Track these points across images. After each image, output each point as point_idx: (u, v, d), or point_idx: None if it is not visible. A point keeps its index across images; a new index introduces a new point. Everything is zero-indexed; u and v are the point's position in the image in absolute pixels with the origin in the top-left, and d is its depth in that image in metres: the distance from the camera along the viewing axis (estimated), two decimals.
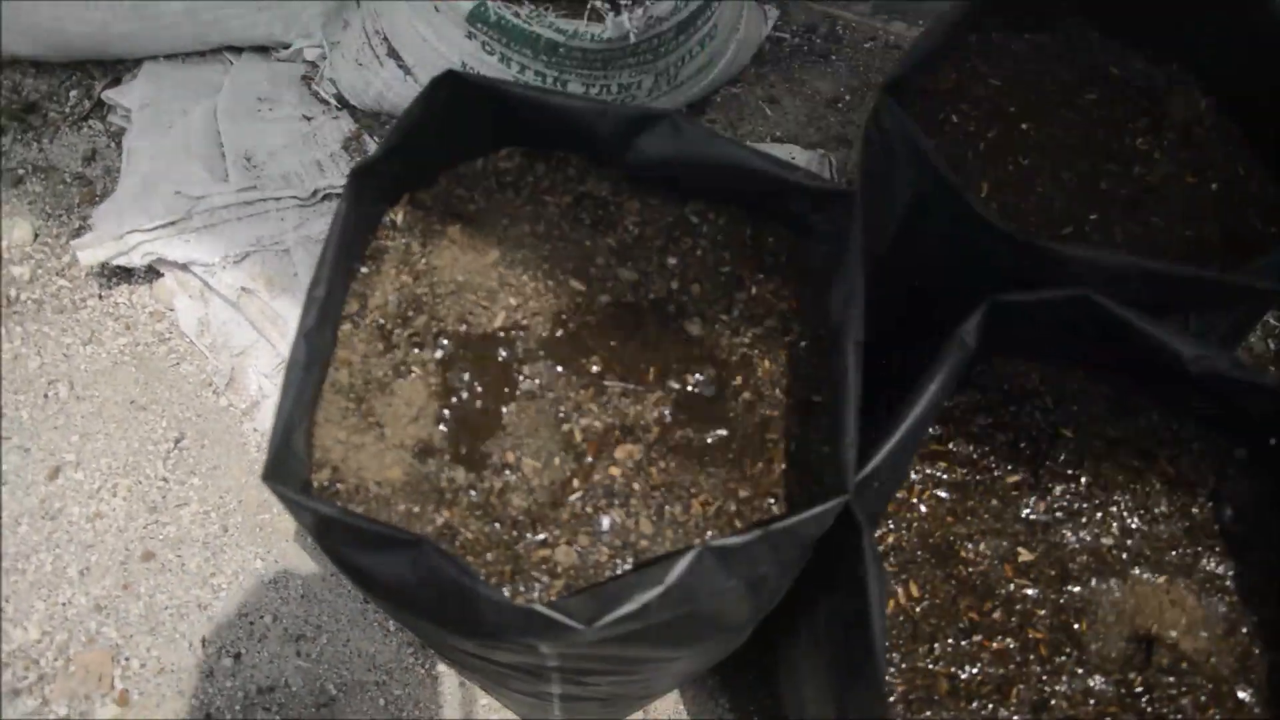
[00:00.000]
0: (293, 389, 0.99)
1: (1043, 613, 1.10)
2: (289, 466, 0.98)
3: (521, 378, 1.12)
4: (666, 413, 1.10)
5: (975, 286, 1.09)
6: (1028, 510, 1.14)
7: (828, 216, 1.12)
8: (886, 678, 1.04)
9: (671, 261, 1.20)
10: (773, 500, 1.05)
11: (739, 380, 1.13)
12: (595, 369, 1.12)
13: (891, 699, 1.04)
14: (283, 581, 1.48)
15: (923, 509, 1.13)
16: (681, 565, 0.89)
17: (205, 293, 1.62)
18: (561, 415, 1.10)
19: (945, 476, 1.15)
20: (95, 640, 1.43)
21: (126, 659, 1.42)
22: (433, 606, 0.93)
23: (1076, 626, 1.10)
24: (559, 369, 1.12)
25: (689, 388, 1.12)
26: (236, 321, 1.60)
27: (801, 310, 1.16)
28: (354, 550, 0.93)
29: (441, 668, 1.42)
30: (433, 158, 1.22)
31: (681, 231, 1.21)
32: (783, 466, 1.07)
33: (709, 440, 1.10)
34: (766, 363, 1.13)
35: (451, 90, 1.16)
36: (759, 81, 1.92)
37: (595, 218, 1.23)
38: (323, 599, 1.46)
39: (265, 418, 1.55)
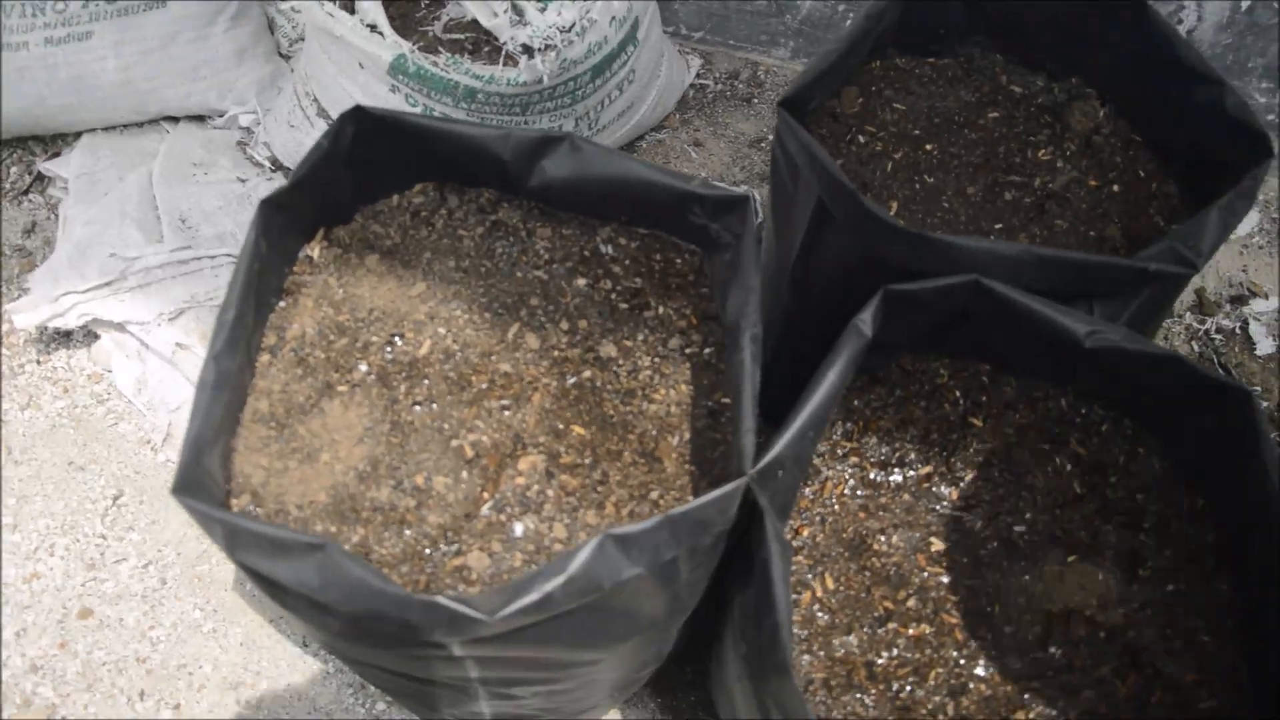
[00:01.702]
0: (201, 409, 1.01)
1: (956, 598, 1.11)
2: (201, 484, 0.99)
3: (433, 404, 1.14)
4: (579, 429, 1.12)
5: (880, 287, 1.12)
6: (941, 502, 1.16)
7: (726, 224, 1.16)
8: (806, 666, 1.05)
9: (581, 283, 1.23)
10: (679, 497, 1.07)
11: (650, 392, 1.15)
12: (503, 391, 1.14)
13: (812, 686, 1.04)
14: (221, 630, 1.47)
15: (836, 505, 1.15)
16: (583, 554, 0.90)
17: (142, 351, 1.64)
18: (470, 434, 1.11)
19: (857, 473, 1.17)
20: (31, 702, 1.41)
21: (63, 719, 1.40)
22: (341, 610, 0.93)
23: (990, 610, 1.11)
24: (470, 393, 1.14)
25: (604, 408, 1.14)
26: (173, 378, 1.62)
27: (706, 321, 1.19)
28: (262, 558, 0.93)
29: (381, 706, 1.42)
30: (346, 194, 1.26)
31: (593, 260, 1.24)
32: (691, 466, 1.09)
33: (621, 450, 1.12)
34: (674, 374, 1.16)
35: (358, 125, 1.20)
36: (684, 126, 1.98)
37: (509, 246, 1.27)
38: (262, 645, 1.46)
39: None
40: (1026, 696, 1.06)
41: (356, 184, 1.26)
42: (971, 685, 1.07)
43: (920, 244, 1.14)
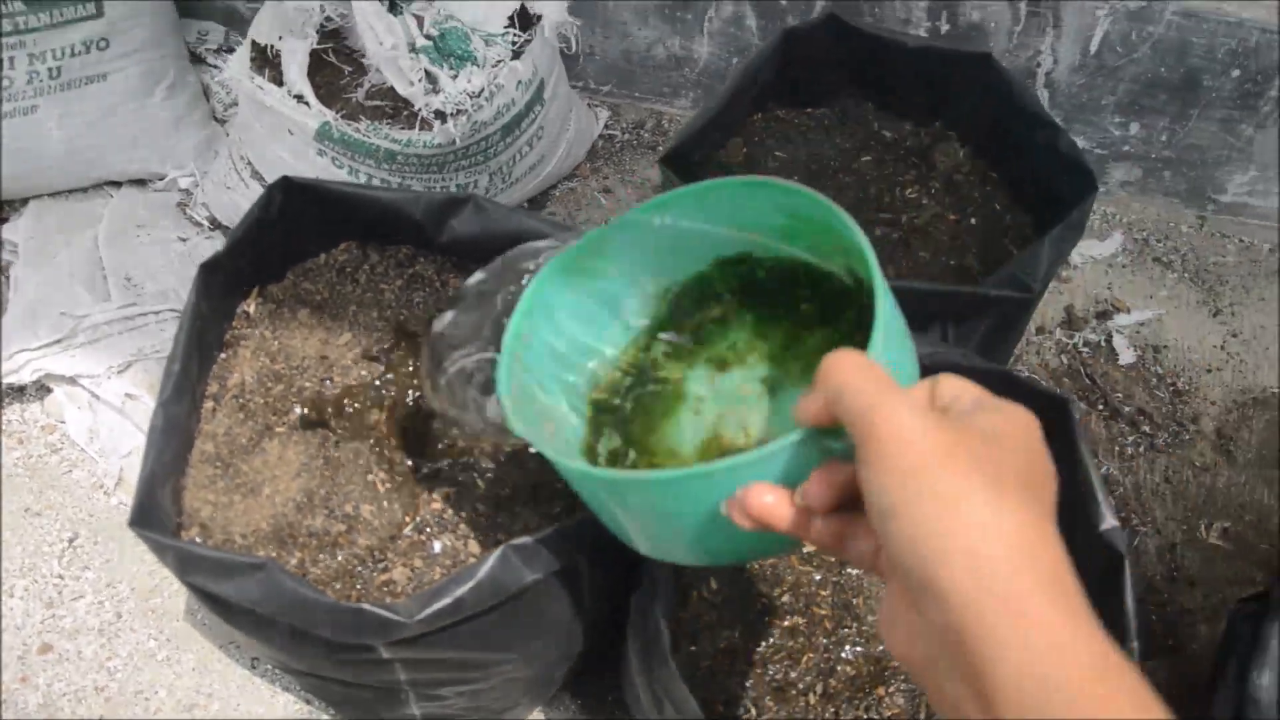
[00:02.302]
0: (153, 451, 1.15)
1: (825, 593, 1.27)
2: (155, 517, 1.12)
3: (358, 441, 1.28)
4: (486, 461, 1.27)
5: None
6: None
7: None
8: (695, 655, 1.20)
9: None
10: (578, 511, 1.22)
11: None
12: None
13: (699, 672, 1.19)
14: (175, 658, 1.59)
15: None
16: (489, 562, 1.05)
17: (93, 402, 1.76)
18: (395, 463, 1.26)
19: None
20: None
21: None
22: (281, 622, 1.07)
23: (855, 602, 1.27)
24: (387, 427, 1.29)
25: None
26: (123, 426, 1.74)
27: None
28: (211, 580, 1.07)
29: (325, 719, 1.54)
30: (277, 254, 1.40)
31: None
32: None
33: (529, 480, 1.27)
34: None
35: (285, 192, 1.35)
36: (594, 175, 2.15)
37: (425, 296, 1.41)
38: (213, 669, 1.58)
39: None
40: (887, 673, 1.21)
41: (286, 245, 1.40)
42: (839, 667, 1.23)
43: None
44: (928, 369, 1.27)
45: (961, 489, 0.57)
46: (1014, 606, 0.54)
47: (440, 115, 1.70)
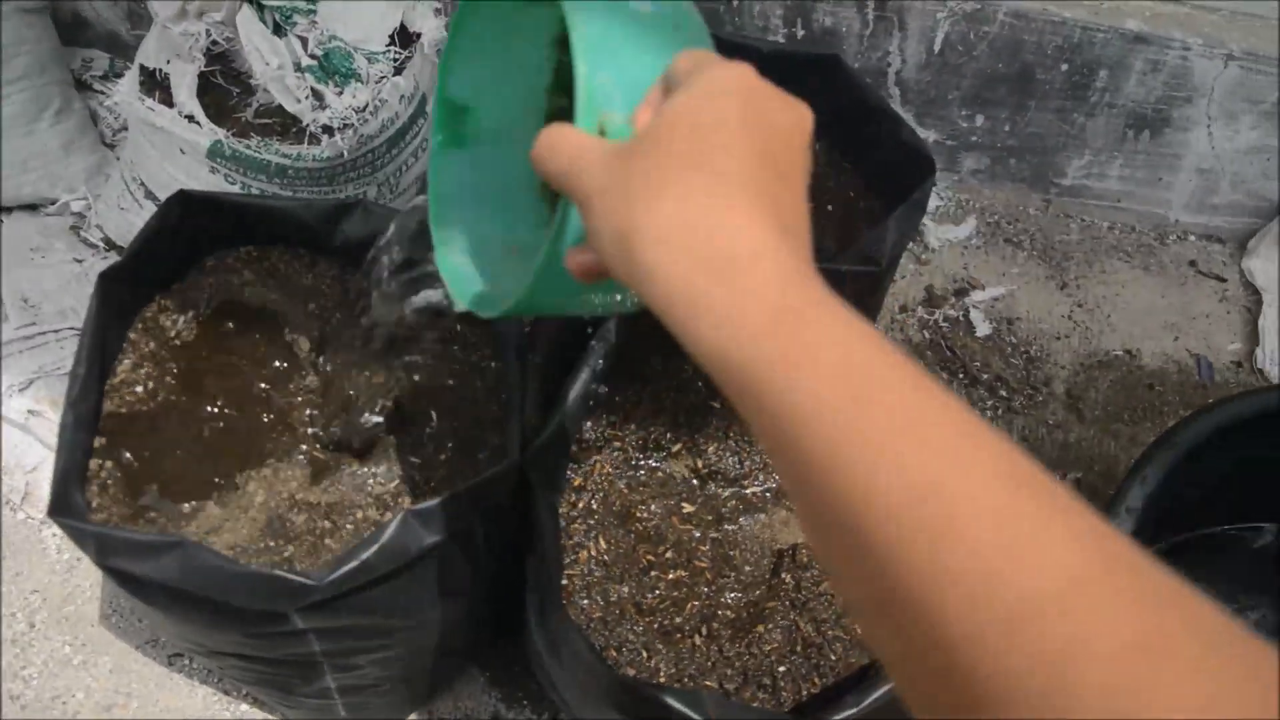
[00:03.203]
0: (65, 447, 1.22)
1: (705, 548, 1.39)
2: (71, 507, 1.19)
3: (275, 419, 1.36)
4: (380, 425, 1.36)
5: None
6: (690, 474, 1.44)
7: None
8: (586, 608, 1.31)
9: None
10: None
11: (445, 402, 1.40)
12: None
13: (592, 623, 1.29)
14: (91, 661, 1.64)
15: (605, 483, 1.41)
16: (390, 527, 1.14)
17: None
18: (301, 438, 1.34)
19: (621, 455, 1.43)
20: None
21: None
22: (199, 598, 1.14)
23: (732, 554, 1.39)
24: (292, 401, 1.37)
25: (406, 413, 1.39)
26: (27, 442, 1.79)
27: (492, 337, 1.45)
28: (131, 561, 1.13)
29: (244, 707, 1.61)
30: (178, 262, 1.47)
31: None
32: (482, 453, 1.34)
33: (429, 447, 1.36)
34: (470, 379, 1.41)
35: (183, 206, 1.42)
36: None
37: (326, 294, 1.50)
38: (131, 669, 1.63)
39: None
40: (765, 612, 1.34)
41: (186, 256, 1.47)
42: (720, 611, 1.34)
43: None
44: None
45: (648, 205, 0.56)
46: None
47: (328, 130, 1.78)
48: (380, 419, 1.36)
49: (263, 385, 1.40)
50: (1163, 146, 2.24)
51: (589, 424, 1.43)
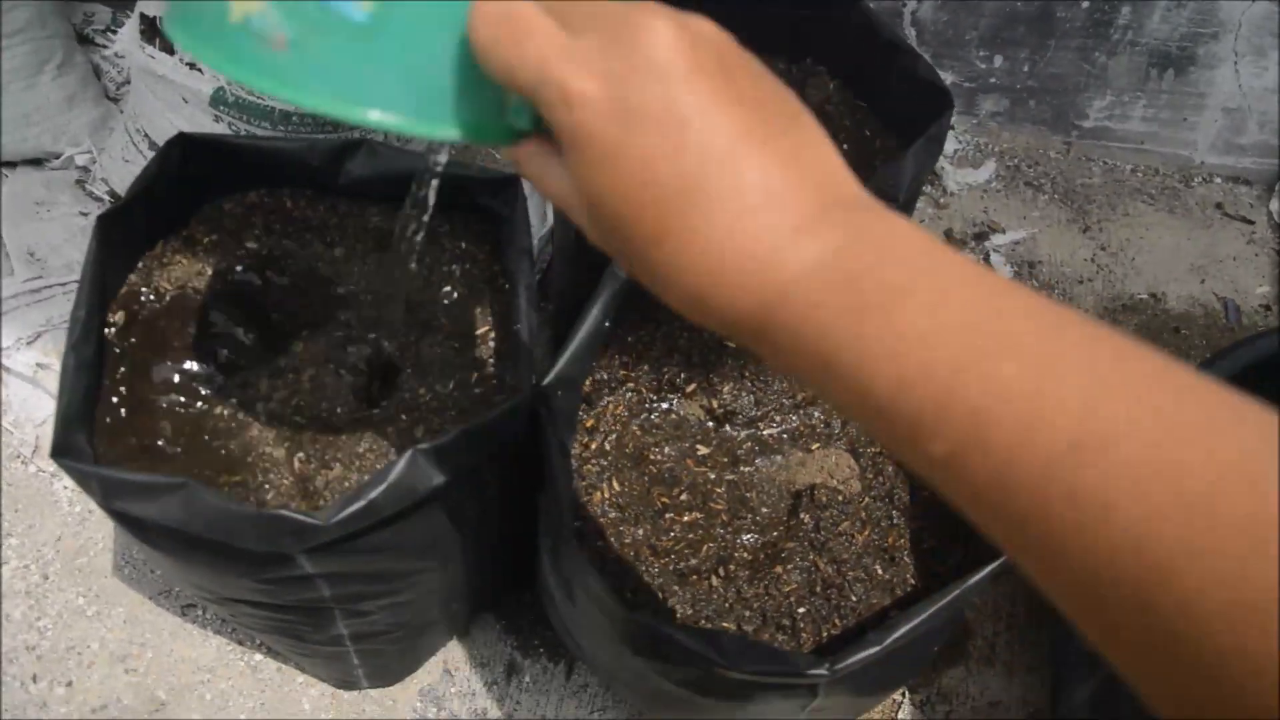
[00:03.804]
0: (67, 390, 1.19)
1: (720, 490, 1.36)
2: (74, 448, 1.16)
3: (285, 355, 1.34)
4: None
5: None
6: (705, 416, 1.41)
7: (503, 199, 1.39)
8: (600, 550, 1.28)
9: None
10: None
11: (461, 329, 1.37)
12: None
13: (607, 565, 1.27)
14: (105, 612, 1.63)
15: (618, 425, 1.38)
16: (399, 466, 1.12)
17: (3, 375, 1.78)
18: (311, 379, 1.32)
19: (634, 397, 1.40)
20: None
21: None
22: (205, 540, 1.12)
23: (749, 496, 1.36)
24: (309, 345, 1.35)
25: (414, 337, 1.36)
26: (36, 395, 1.77)
27: (496, 264, 1.42)
28: (135, 503, 1.11)
29: (258, 657, 1.60)
30: (179, 209, 1.44)
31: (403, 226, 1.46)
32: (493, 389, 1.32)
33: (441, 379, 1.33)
34: (478, 310, 1.38)
35: (183, 148, 1.39)
36: None
37: (340, 220, 1.46)
38: (144, 620, 1.62)
39: None
40: (783, 554, 1.31)
41: (187, 199, 1.44)
42: (737, 553, 1.32)
43: None
44: None
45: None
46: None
47: None
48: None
49: (281, 317, 1.37)
50: (1187, 85, 2.18)
51: (600, 364, 1.40)
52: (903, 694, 1.63)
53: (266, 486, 1.25)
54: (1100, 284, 2.14)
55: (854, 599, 1.26)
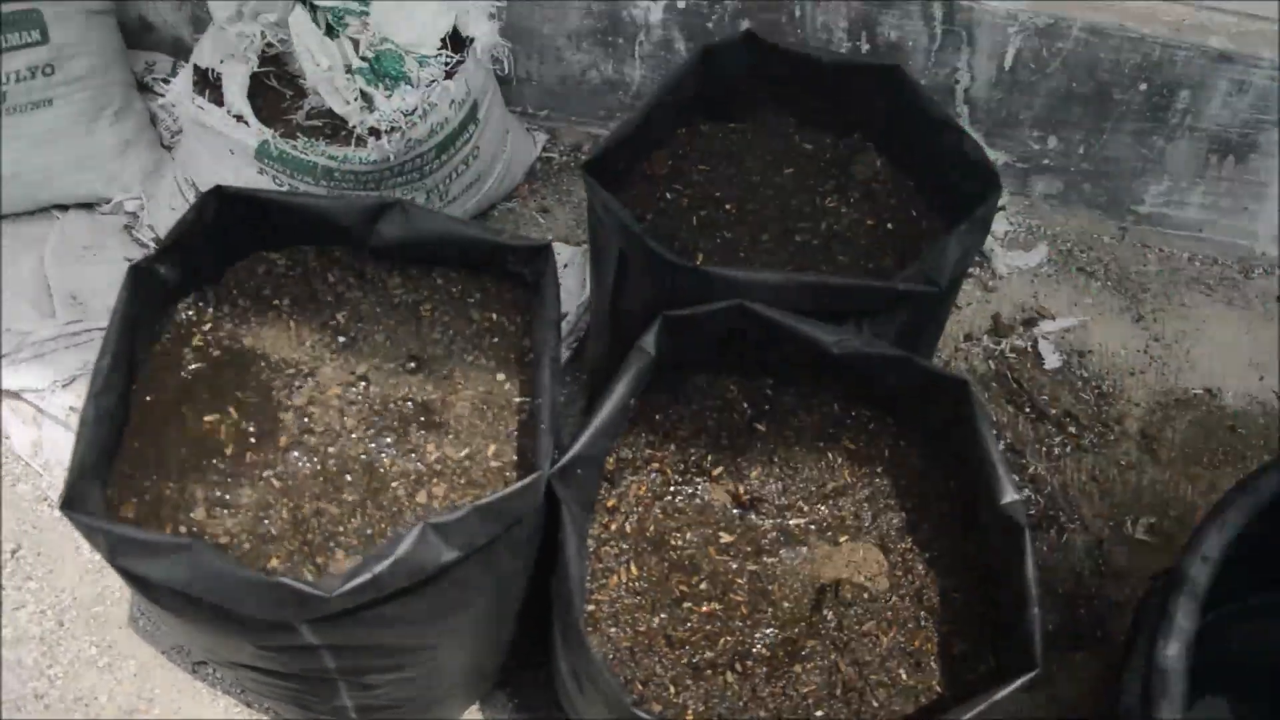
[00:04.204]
0: (84, 440, 1.18)
1: (742, 581, 1.32)
2: (85, 501, 1.15)
3: (304, 418, 1.32)
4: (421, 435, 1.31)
5: None
6: (730, 504, 1.37)
7: (533, 268, 1.37)
8: (614, 636, 1.24)
9: (425, 310, 1.42)
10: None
11: (469, 402, 1.35)
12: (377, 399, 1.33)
13: (619, 652, 1.22)
14: (116, 664, 1.61)
15: (640, 507, 1.34)
16: (407, 540, 1.09)
17: (38, 416, 1.79)
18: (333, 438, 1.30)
19: (659, 478, 1.36)
20: None
21: None
22: (208, 603, 1.10)
23: (770, 588, 1.31)
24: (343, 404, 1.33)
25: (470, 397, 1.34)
26: (68, 439, 1.77)
27: (526, 336, 1.40)
28: (140, 561, 1.09)
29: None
30: (213, 259, 1.44)
31: (431, 290, 1.44)
32: (510, 463, 1.29)
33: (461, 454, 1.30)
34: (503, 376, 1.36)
35: (219, 201, 1.39)
36: (532, 195, 2.21)
37: (356, 291, 1.45)
38: (154, 674, 1.60)
39: None
40: (804, 651, 1.26)
41: (221, 250, 1.44)
42: (755, 648, 1.27)
43: (698, 277, 1.36)
44: (837, 357, 1.33)
45: None
46: None
47: (375, 132, 1.75)
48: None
49: (282, 390, 1.35)
50: (1248, 173, 2.12)
51: (625, 442, 1.37)
52: None
53: (276, 552, 1.22)
54: (1153, 376, 2.07)
55: (875, 704, 1.20)
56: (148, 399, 1.33)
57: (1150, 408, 2.03)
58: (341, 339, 1.41)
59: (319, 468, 1.29)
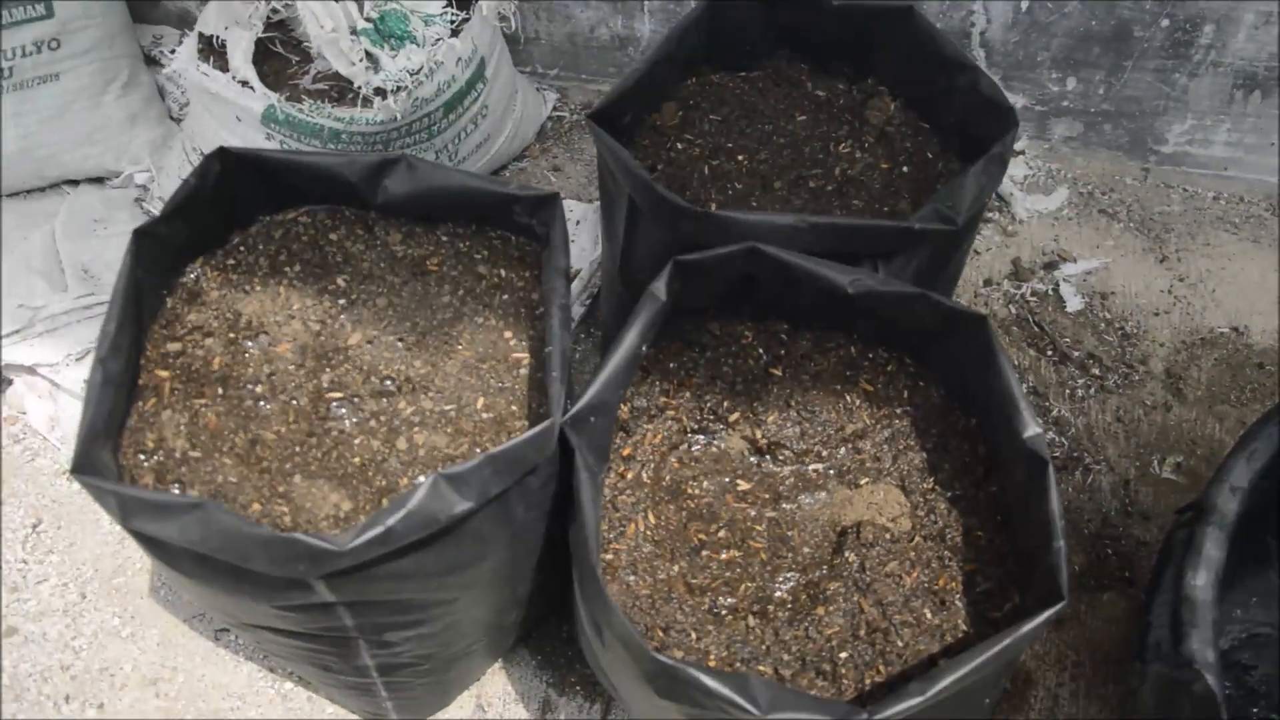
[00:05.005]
0: (92, 403, 1.17)
1: (760, 528, 1.30)
2: (95, 465, 1.14)
3: (323, 383, 1.31)
4: (432, 373, 1.29)
5: None
6: (746, 451, 1.35)
7: (542, 219, 1.35)
8: (633, 585, 1.22)
9: (433, 265, 1.41)
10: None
11: (495, 351, 1.33)
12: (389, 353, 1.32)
13: (639, 600, 1.21)
14: (139, 634, 1.61)
15: (655, 456, 1.33)
16: (420, 492, 1.07)
17: (53, 391, 1.79)
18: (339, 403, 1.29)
19: (674, 427, 1.35)
20: None
21: None
22: (220, 559, 1.09)
23: (790, 535, 1.29)
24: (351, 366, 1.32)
25: (465, 357, 1.32)
26: None
27: (535, 290, 1.38)
28: (153, 522, 1.08)
29: (289, 685, 1.56)
30: (218, 222, 1.42)
31: (438, 247, 1.42)
32: (525, 411, 1.27)
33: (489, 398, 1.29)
34: (510, 333, 1.34)
35: (223, 163, 1.38)
36: (544, 154, 2.18)
37: (367, 249, 1.44)
38: (177, 643, 1.60)
39: None
40: (826, 594, 1.24)
41: (227, 213, 1.42)
42: (776, 594, 1.25)
43: (709, 221, 1.34)
44: (853, 297, 1.30)
45: None
46: None
47: (381, 92, 1.73)
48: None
49: (300, 350, 1.34)
50: (1275, 108, 2.07)
51: (640, 390, 1.35)
52: None
53: (303, 511, 1.21)
54: (1178, 316, 2.03)
55: (900, 644, 1.19)
56: (155, 362, 1.32)
57: (1175, 348, 1.99)
58: (343, 301, 1.39)
59: (312, 428, 1.28)
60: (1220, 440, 1.86)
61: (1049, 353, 1.96)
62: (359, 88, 1.73)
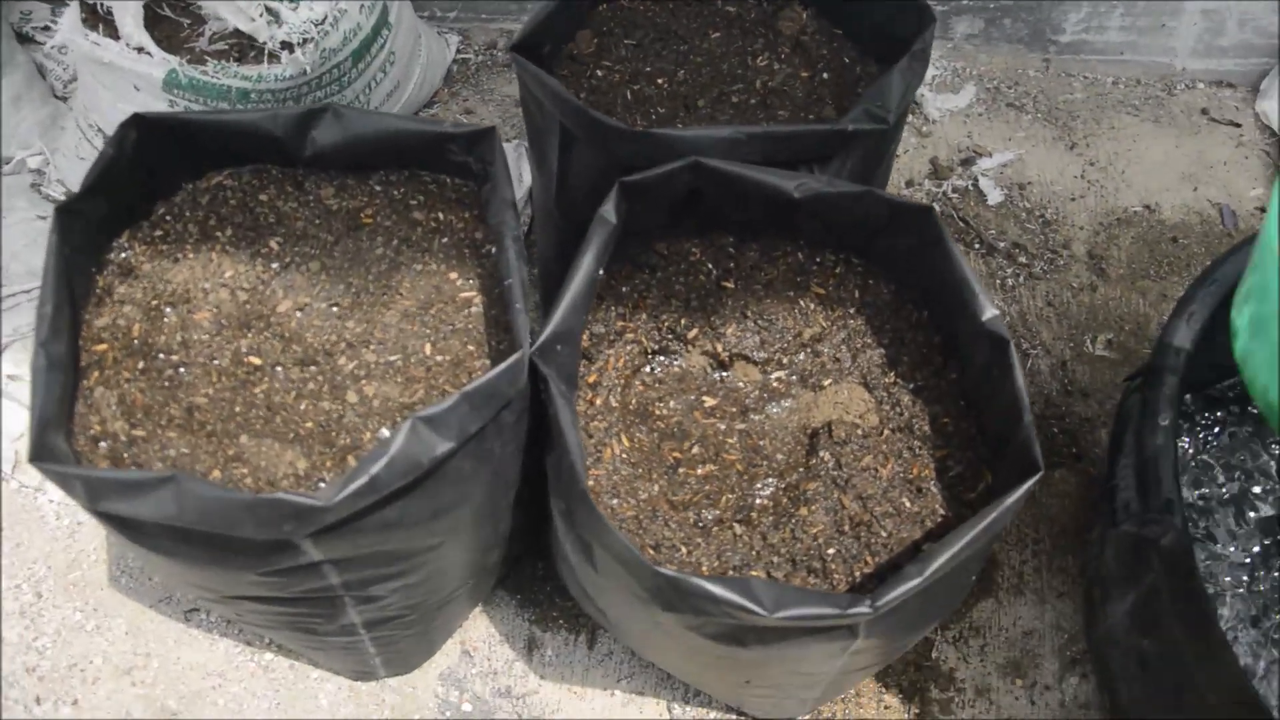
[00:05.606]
0: (40, 390, 1.12)
1: (732, 441, 1.31)
2: (53, 452, 1.10)
3: (242, 345, 1.27)
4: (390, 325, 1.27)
5: None
6: (708, 368, 1.35)
7: (479, 154, 1.33)
8: (616, 508, 1.23)
9: (366, 217, 1.37)
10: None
11: (441, 295, 1.31)
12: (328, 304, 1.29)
13: (624, 522, 1.21)
14: (105, 625, 1.57)
15: (619, 380, 1.33)
16: (399, 437, 1.06)
17: None
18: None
19: (634, 349, 1.35)
20: None
21: None
22: (199, 530, 1.06)
23: (762, 443, 1.31)
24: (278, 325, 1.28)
25: (406, 306, 1.29)
26: (10, 408, 1.70)
27: (479, 229, 1.36)
28: (124, 502, 1.04)
29: (269, 656, 1.54)
30: (141, 193, 1.37)
31: (371, 197, 1.39)
32: (488, 349, 1.26)
33: (438, 342, 1.27)
34: (455, 274, 1.32)
35: (139, 130, 1.32)
36: (454, 98, 2.14)
37: (299, 207, 1.39)
38: (146, 629, 1.56)
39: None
40: (806, 495, 1.26)
41: (148, 182, 1.37)
42: (757, 501, 1.27)
43: (648, 141, 1.33)
44: (799, 201, 1.31)
45: None
46: None
47: (287, 46, 1.68)
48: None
49: (222, 318, 1.30)
50: None
51: (596, 316, 1.34)
52: (935, 632, 1.59)
53: (262, 471, 1.19)
54: (1093, 200, 2.09)
55: (884, 534, 1.21)
56: (91, 340, 1.27)
57: (1094, 230, 2.05)
58: (275, 265, 1.35)
59: (241, 386, 1.25)
60: (1145, 314, 1.93)
61: (976, 246, 2.00)
62: (263, 43, 1.67)
